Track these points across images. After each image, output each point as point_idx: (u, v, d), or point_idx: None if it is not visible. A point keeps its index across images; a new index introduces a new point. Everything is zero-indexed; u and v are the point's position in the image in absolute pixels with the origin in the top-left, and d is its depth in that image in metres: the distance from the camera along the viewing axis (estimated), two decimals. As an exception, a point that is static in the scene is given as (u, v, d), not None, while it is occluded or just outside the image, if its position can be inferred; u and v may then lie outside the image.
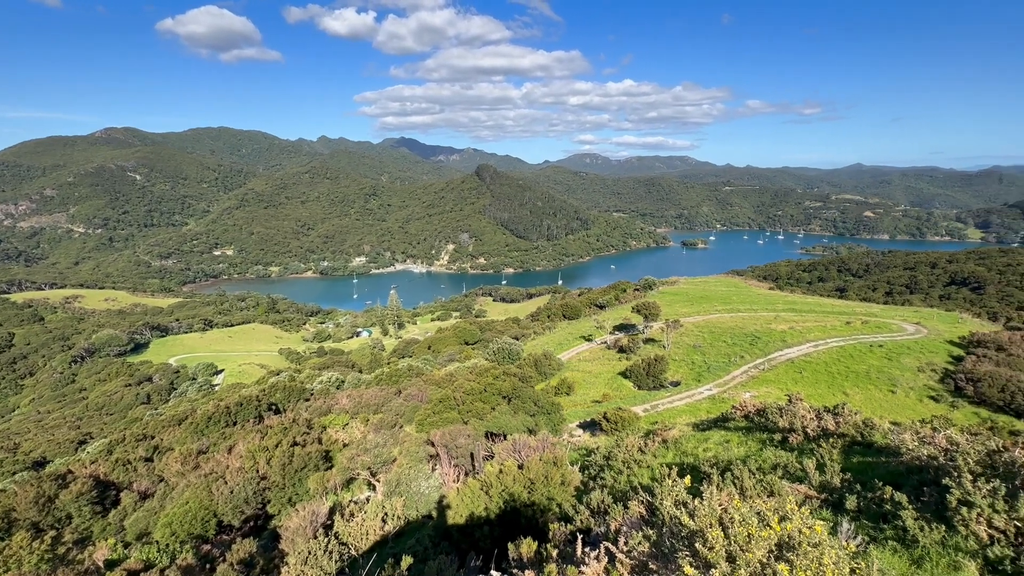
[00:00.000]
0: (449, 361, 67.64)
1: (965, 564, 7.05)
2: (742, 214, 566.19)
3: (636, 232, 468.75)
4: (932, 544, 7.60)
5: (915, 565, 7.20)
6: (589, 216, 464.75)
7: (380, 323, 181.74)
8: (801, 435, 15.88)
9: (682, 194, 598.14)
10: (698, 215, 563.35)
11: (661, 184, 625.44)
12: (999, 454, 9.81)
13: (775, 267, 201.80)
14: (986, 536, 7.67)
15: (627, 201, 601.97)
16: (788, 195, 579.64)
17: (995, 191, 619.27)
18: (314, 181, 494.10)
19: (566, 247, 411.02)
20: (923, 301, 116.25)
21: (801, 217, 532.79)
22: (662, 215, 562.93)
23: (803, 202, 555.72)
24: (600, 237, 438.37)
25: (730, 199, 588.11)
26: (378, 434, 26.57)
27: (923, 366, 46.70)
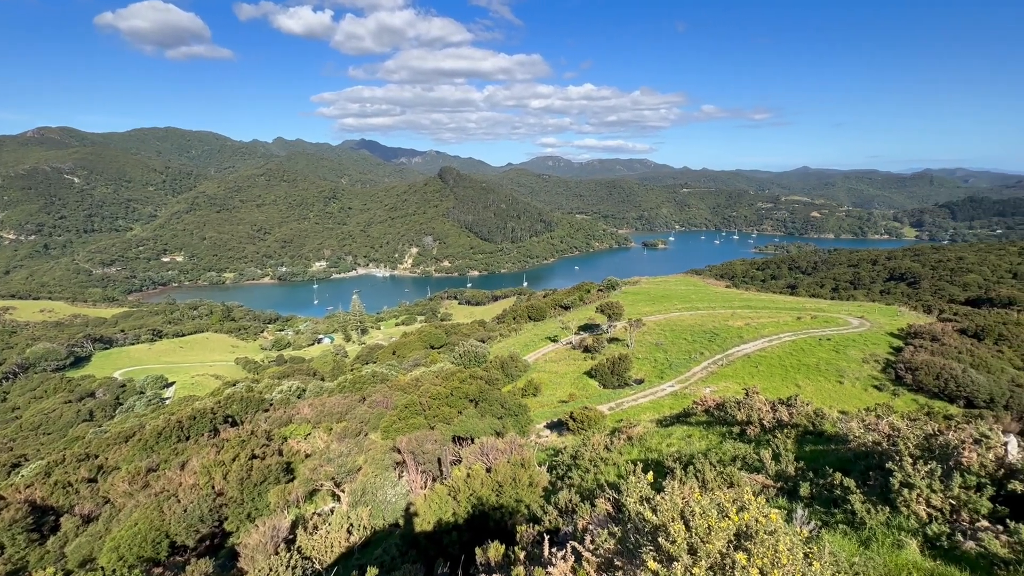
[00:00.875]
0: (414, 366, 66.76)
1: (907, 542, 7.49)
2: (699, 215, 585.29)
3: (599, 233, 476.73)
4: (878, 525, 8.05)
5: (863, 546, 7.60)
6: (553, 218, 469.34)
7: (342, 329, 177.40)
8: (758, 427, 16.52)
9: (642, 196, 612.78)
10: (658, 216, 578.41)
11: (622, 186, 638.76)
12: (935, 437, 10.51)
13: (731, 266, 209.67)
14: (925, 515, 8.19)
15: (589, 203, 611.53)
16: (742, 197, 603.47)
17: (927, 192, 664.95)
18: (270, 184, 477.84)
19: (530, 249, 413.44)
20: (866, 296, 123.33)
21: (754, 218, 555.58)
22: (623, 216, 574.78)
23: (755, 203, 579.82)
24: (564, 239, 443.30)
25: (688, 201, 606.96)
26: (342, 443, 25.90)
27: (867, 357, 49.51)
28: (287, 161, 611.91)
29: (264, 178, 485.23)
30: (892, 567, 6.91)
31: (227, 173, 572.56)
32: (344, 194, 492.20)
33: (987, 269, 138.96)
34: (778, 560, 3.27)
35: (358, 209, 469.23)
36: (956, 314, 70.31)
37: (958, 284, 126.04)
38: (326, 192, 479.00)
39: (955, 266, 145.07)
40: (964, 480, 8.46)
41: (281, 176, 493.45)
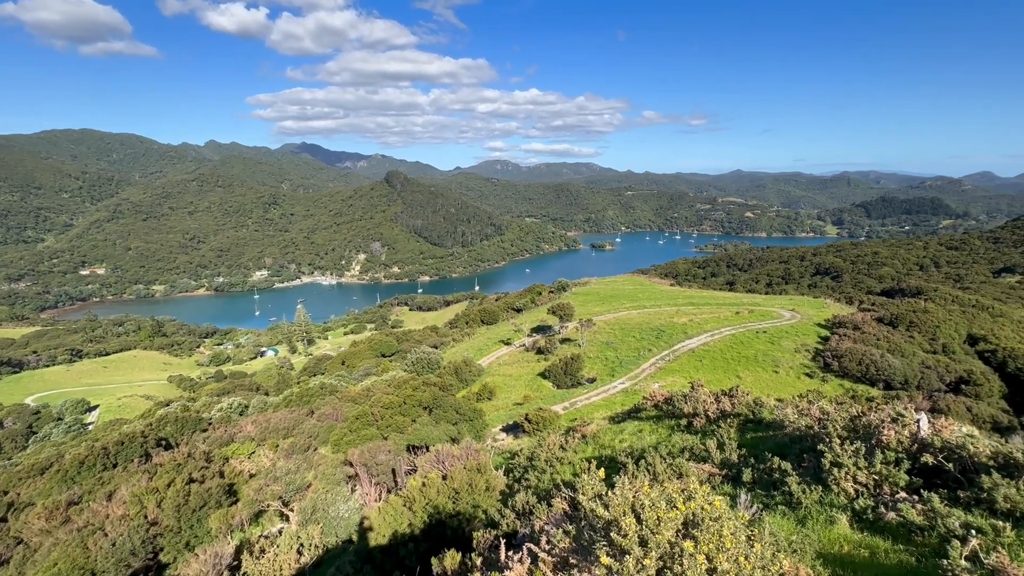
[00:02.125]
0: (365, 375, 64.93)
1: (838, 517, 8.06)
2: (643, 217, 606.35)
3: (548, 236, 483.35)
4: (812, 504, 8.61)
5: (800, 524, 8.11)
6: (503, 221, 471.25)
7: (287, 340, 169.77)
8: (704, 418, 17.26)
9: (589, 199, 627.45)
10: (604, 218, 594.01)
11: (569, 190, 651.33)
12: (859, 419, 11.38)
13: (674, 265, 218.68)
14: (853, 491, 8.84)
15: (538, 206, 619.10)
16: (682, 199, 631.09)
17: (845, 193, 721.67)
18: (203, 189, 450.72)
19: (481, 253, 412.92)
20: (796, 290, 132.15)
21: (694, 218, 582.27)
22: (571, 219, 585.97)
23: (695, 205, 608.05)
24: (514, 242, 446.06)
25: (632, 203, 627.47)
26: (289, 460, 24.75)
27: (799, 347, 52.99)
28: (221, 165, 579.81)
29: (196, 183, 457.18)
30: (826, 541, 7.42)
31: (154, 178, 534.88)
32: (285, 200, 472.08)
33: (898, 262, 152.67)
34: (723, 545, 3.44)
35: (301, 215, 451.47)
36: (874, 304, 76.66)
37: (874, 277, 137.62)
38: (265, 198, 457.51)
39: (871, 260, 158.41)
40: (885, 456, 9.21)
41: (215, 181, 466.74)
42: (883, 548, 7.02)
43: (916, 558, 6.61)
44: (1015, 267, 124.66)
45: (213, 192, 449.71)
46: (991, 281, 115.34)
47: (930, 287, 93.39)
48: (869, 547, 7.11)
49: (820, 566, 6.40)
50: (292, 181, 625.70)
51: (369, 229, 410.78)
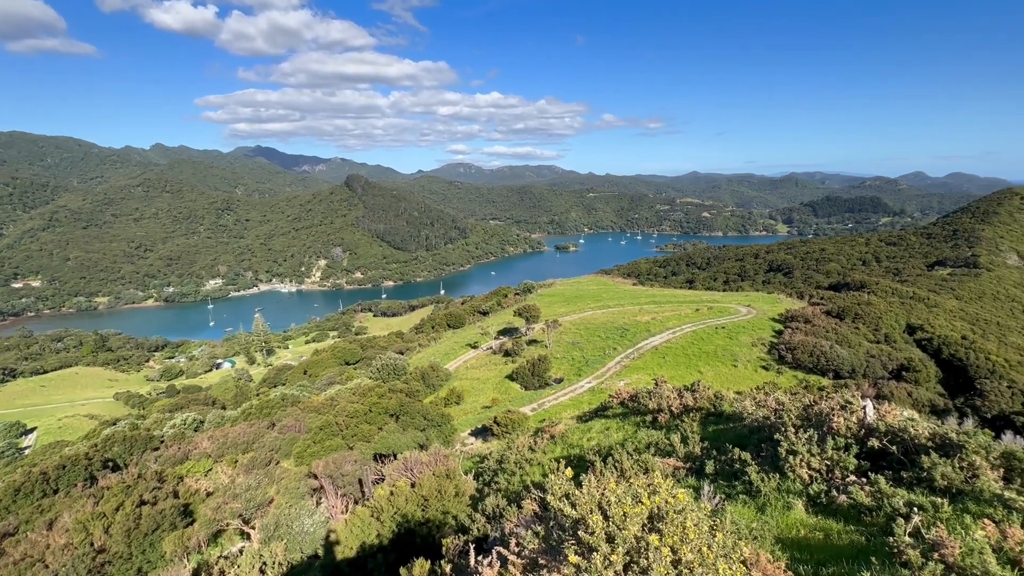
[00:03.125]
0: (329, 384, 63.25)
1: (795, 503, 8.43)
2: (605, 218, 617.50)
3: (513, 238, 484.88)
4: (771, 491, 8.97)
5: (760, 511, 8.42)
6: (467, 224, 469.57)
7: (245, 351, 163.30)
8: (668, 414, 17.69)
9: (552, 201, 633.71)
10: (568, 220, 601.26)
11: (532, 192, 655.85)
12: (811, 408, 11.94)
13: (636, 265, 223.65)
14: (807, 476, 9.27)
15: (502, 209, 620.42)
16: (642, 200, 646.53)
17: (794, 193, 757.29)
18: (150, 195, 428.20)
19: (446, 256, 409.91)
20: (751, 286, 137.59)
21: (654, 219, 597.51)
22: (535, 221, 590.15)
23: (655, 206, 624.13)
24: (479, 245, 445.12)
25: (594, 205, 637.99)
26: (249, 475, 23.78)
27: (755, 341, 55.13)
28: (169, 170, 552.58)
29: (142, 189, 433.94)
30: (784, 526, 7.74)
31: (94, 184, 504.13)
32: (240, 205, 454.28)
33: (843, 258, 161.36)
34: (687, 536, 3.54)
35: (257, 221, 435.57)
36: (822, 298, 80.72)
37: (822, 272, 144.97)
38: (218, 203, 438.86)
39: (819, 257, 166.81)
40: (835, 442, 9.70)
41: (163, 186, 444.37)
42: (836, 530, 7.39)
43: (866, 537, 6.98)
44: (946, 261, 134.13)
45: (161, 198, 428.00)
46: (926, 274, 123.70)
47: (872, 281, 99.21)
48: (823, 529, 7.46)
49: (779, 550, 6.66)
50: (247, 186, 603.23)
51: (330, 234, 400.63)
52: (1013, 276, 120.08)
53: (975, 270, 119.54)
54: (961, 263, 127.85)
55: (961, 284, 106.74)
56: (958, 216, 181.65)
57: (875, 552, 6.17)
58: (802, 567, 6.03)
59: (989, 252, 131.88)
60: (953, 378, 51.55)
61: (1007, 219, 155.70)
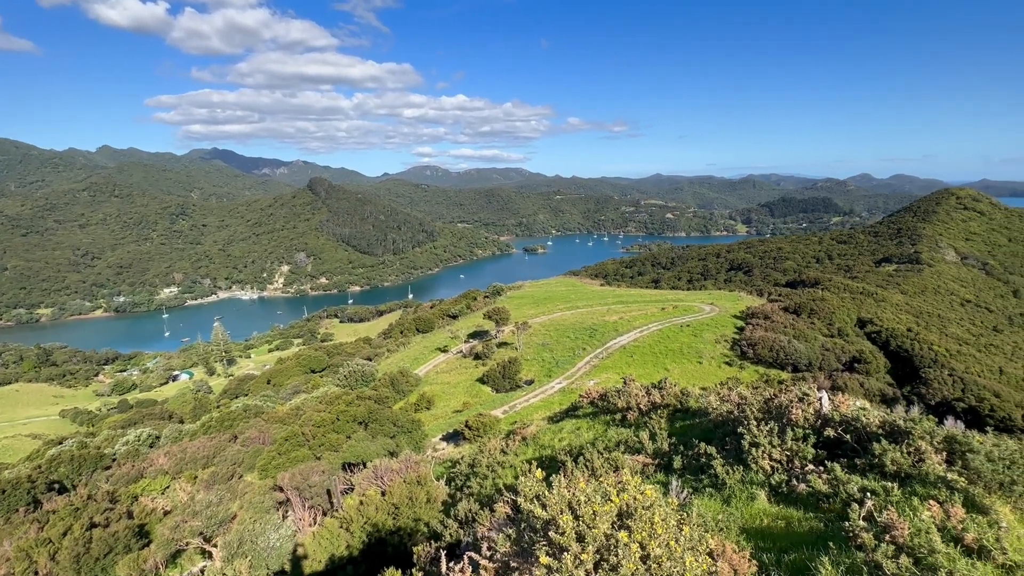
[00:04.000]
0: (294, 393, 61.47)
1: (758, 493, 8.72)
2: (573, 220, 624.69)
3: (481, 241, 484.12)
4: (735, 483, 9.25)
5: (725, 503, 8.67)
6: (434, 228, 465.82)
7: (204, 362, 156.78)
8: (636, 411, 18.01)
9: (520, 203, 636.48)
10: (535, 222, 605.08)
11: (500, 195, 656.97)
12: (772, 401, 12.39)
13: (603, 266, 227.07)
14: (769, 467, 9.60)
15: (470, 211, 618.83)
16: (608, 202, 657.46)
17: (752, 194, 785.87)
18: (97, 200, 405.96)
19: (414, 260, 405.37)
20: (714, 285, 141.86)
21: (620, 220, 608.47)
22: (503, 224, 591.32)
23: (620, 208, 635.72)
24: (447, 248, 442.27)
25: (561, 207, 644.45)
26: (210, 491, 22.81)
27: (719, 338, 56.82)
28: (118, 173, 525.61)
29: (88, 193, 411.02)
30: (748, 517, 7.99)
31: (34, 188, 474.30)
32: (196, 210, 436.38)
33: (799, 256, 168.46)
34: (655, 531, 3.61)
35: (215, 226, 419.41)
36: (780, 295, 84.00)
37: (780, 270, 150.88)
38: (172, 208, 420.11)
39: (776, 255, 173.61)
40: (794, 433, 10.09)
41: (111, 191, 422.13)
42: (796, 517, 7.69)
43: (824, 523, 7.29)
44: (892, 257, 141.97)
45: (109, 203, 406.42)
46: (874, 270, 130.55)
47: (826, 278, 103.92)
48: (785, 518, 7.75)
49: (744, 540, 6.87)
50: (203, 189, 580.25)
51: (292, 239, 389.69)
52: (951, 271, 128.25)
53: (918, 266, 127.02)
54: (905, 260, 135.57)
55: (905, 279, 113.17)
56: (901, 215, 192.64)
57: (833, 537, 6.44)
58: (765, 555, 6.24)
59: (930, 249, 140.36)
60: (900, 368, 54.56)
61: (945, 218, 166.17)
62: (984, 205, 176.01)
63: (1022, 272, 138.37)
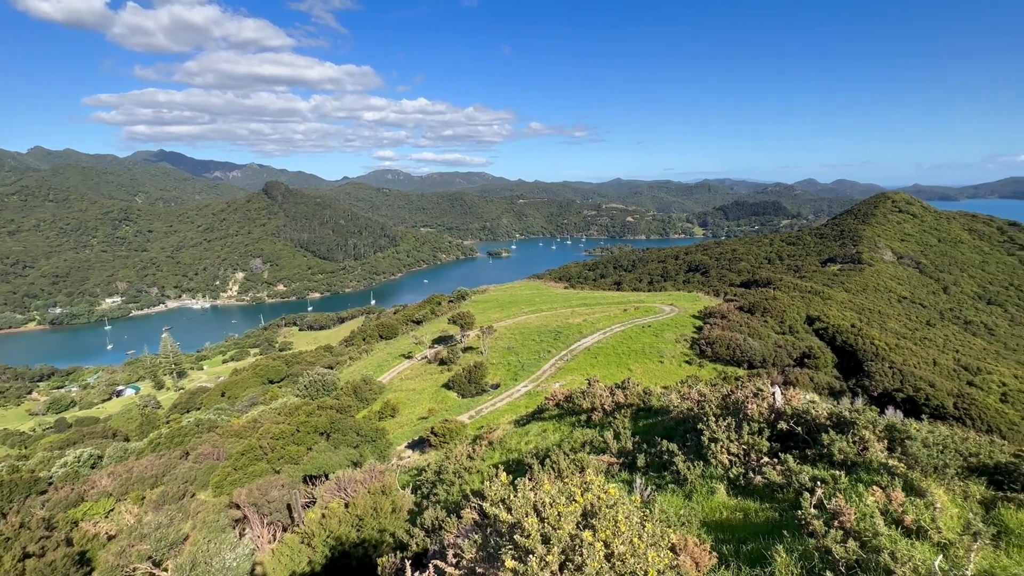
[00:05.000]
0: (251, 405, 59.13)
1: (717, 487, 9.01)
2: (536, 224, 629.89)
3: (445, 246, 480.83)
4: (696, 478, 9.52)
5: (687, 498, 8.92)
6: (397, 232, 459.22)
7: (151, 375, 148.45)
8: (601, 412, 18.28)
9: (483, 207, 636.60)
10: (499, 226, 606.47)
11: (463, 199, 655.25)
12: (729, 397, 12.85)
13: (567, 269, 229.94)
14: (727, 461, 9.94)
15: (432, 216, 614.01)
16: (570, 206, 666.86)
17: (707, 198, 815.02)
18: (29, 204, 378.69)
19: (376, 265, 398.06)
20: (673, 286, 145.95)
21: (582, 224, 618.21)
22: (467, 228, 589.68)
23: (582, 211, 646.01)
24: (410, 253, 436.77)
25: (525, 211, 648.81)
26: (159, 512, 21.58)
27: (679, 338, 58.47)
28: (53, 176, 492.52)
29: (19, 197, 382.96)
30: (708, 510, 8.24)
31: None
32: (141, 215, 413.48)
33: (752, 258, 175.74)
34: (618, 529, 3.68)
35: (162, 232, 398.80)
36: (736, 295, 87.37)
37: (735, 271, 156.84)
38: (115, 213, 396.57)
39: (731, 257, 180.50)
40: (750, 427, 10.49)
41: (45, 195, 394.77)
42: (753, 509, 7.99)
43: (779, 513, 7.61)
44: (836, 257, 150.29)
45: (43, 207, 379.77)
46: (820, 270, 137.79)
47: (777, 277, 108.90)
48: (743, 509, 8.03)
49: (704, 533, 7.08)
50: (149, 194, 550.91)
51: (248, 245, 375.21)
52: (889, 270, 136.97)
53: (859, 265, 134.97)
54: (848, 260, 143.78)
55: (849, 278, 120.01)
56: (844, 218, 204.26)
57: (787, 525, 6.73)
58: (725, 547, 6.45)
59: (869, 249, 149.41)
60: (846, 362, 57.71)
61: (883, 220, 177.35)
62: (916, 208, 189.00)
63: (951, 270, 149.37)
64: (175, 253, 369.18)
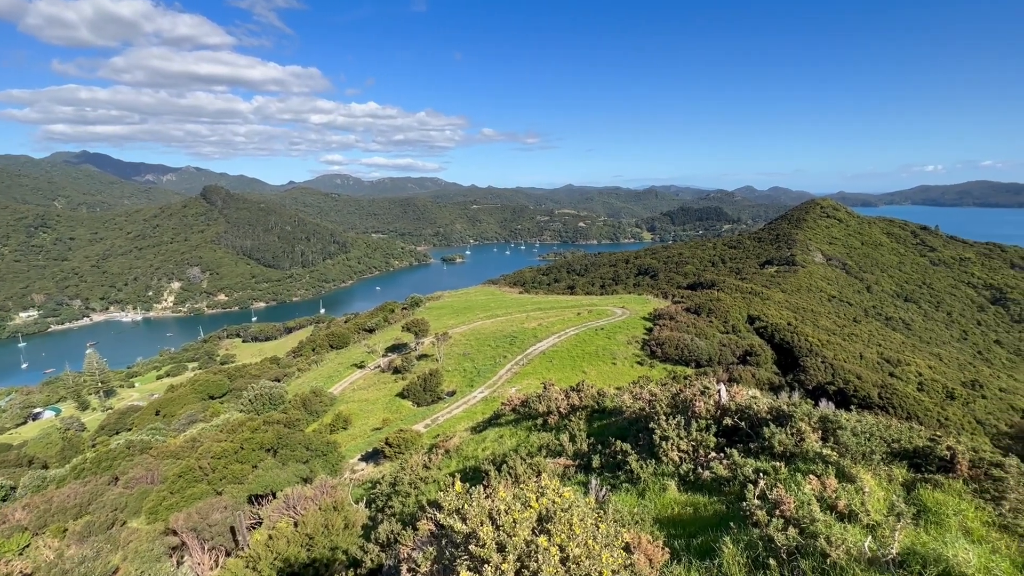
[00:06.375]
0: (190, 423, 55.60)
1: (669, 484, 9.29)
2: (490, 229, 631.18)
3: (397, 252, 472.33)
4: (649, 476, 9.78)
5: (640, 496, 9.14)
6: (347, 239, 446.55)
7: (75, 395, 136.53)
8: (557, 415, 18.45)
9: (436, 213, 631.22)
10: (453, 232, 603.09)
11: (416, 204, 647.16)
12: (678, 395, 13.31)
13: (521, 274, 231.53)
14: (677, 458, 10.28)
15: (384, 221, 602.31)
16: (523, 211, 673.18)
17: (655, 204, 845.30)
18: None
19: (325, 273, 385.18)
20: (624, 289, 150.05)
21: (535, 229, 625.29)
22: (420, 233, 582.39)
23: (535, 217, 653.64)
24: (361, 259, 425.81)
25: (479, 216, 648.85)
26: (84, 545, 19.81)
27: (630, 339, 60.09)
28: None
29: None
30: (661, 507, 8.48)
31: None
32: (60, 221, 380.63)
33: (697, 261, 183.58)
34: (573, 532, 3.71)
35: (86, 239, 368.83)
36: (683, 297, 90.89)
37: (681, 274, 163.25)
38: (30, 219, 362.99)
39: (678, 260, 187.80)
40: (698, 424, 10.91)
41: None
42: (703, 503, 8.29)
43: (726, 505, 7.93)
44: (773, 260, 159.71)
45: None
46: (759, 272, 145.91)
47: (720, 280, 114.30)
48: (693, 504, 8.32)
49: (657, 530, 7.28)
50: (70, 198, 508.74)
51: (184, 252, 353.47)
52: (819, 271, 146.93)
53: (794, 267, 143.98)
54: (783, 262, 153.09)
55: (785, 279, 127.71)
56: (779, 223, 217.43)
57: (733, 517, 7.03)
58: (676, 542, 6.65)
59: (802, 252, 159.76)
60: (784, 358, 61.27)
61: (813, 224, 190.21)
62: (842, 214, 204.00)
63: (873, 271, 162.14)
64: (101, 262, 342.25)
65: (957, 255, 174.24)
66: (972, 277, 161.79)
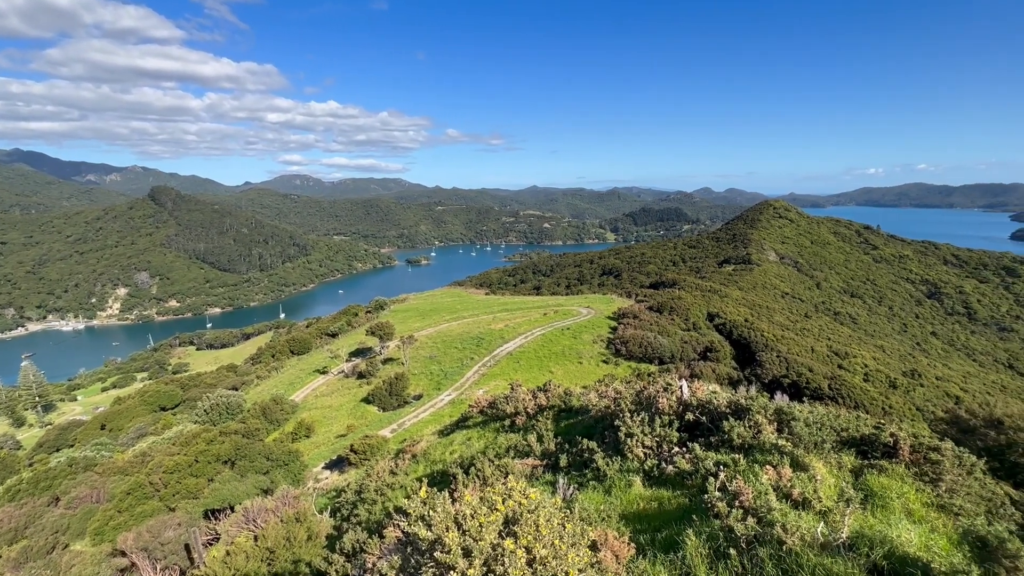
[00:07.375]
0: (139, 437, 52.75)
1: (634, 480, 9.46)
2: (455, 231, 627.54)
3: (361, 254, 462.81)
4: (614, 473, 9.93)
5: (607, 493, 9.26)
6: (308, 241, 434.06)
7: (8, 411, 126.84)
8: (524, 416, 18.49)
9: (400, 214, 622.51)
10: (418, 233, 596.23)
11: (379, 205, 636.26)
12: (642, 392, 13.58)
13: (487, 275, 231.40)
14: (642, 455, 10.48)
15: (347, 223, 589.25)
16: (489, 212, 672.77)
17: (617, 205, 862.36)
18: None
19: (285, 276, 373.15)
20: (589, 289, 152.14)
21: (501, 230, 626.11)
22: (384, 235, 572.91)
23: (501, 218, 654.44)
24: (323, 262, 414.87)
25: (443, 217, 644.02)
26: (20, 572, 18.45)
27: (596, 338, 60.99)
28: None
29: None
30: (626, 503, 8.62)
31: None
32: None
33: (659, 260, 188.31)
34: (540, 533, 3.72)
35: (19, 243, 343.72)
36: (646, 296, 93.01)
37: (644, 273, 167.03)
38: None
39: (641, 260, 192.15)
40: (662, 420, 11.16)
41: None
42: (667, 497, 8.48)
43: (689, 499, 8.14)
44: (730, 259, 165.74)
45: None
46: (718, 271, 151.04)
47: (681, 279, 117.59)
48: (657, 499, 8.50)
49: (623, 526, 7.39)
50: (1, 200, 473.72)
51: (131, 257, 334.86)
52: (773, 269, 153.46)
53: (749, 265, 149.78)
54: (740, 260, 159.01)
55: (741, 277, 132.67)
56: (735, 223, 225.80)
57: (696, 510, 7.22)
58: (642, 536, 6.77)
59: (757, 251, 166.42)
60: (742, 353, 63.61)
61: (767, 224, 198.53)
62: (793, 214, 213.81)
63: (822, 268, 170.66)
64: (37, 268, 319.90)
65: (897, 253, 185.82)
66: (910, 273, 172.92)
